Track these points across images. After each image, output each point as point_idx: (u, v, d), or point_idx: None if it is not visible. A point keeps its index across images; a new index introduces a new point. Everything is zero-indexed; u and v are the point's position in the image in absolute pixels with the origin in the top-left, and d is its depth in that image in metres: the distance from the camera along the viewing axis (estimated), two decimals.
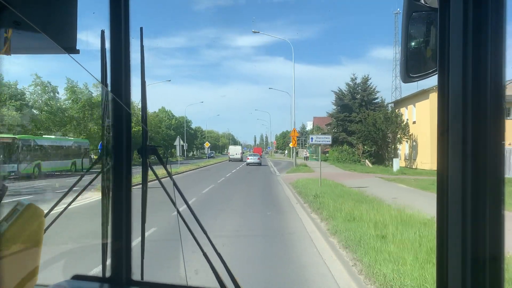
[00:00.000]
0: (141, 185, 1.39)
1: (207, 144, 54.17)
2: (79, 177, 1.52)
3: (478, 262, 0.85)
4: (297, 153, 50.11)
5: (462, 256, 0.86)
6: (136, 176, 1.43)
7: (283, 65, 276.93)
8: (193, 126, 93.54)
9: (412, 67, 1.14)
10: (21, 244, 1.00)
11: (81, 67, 1.17)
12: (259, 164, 44.75)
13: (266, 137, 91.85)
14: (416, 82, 1.03)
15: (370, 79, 48.61)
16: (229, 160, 58.98)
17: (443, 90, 0.90)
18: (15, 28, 1.24)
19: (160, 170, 1.46)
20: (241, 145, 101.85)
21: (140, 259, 1.44)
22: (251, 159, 45.85)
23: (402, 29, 1.13)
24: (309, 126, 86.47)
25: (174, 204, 1.37)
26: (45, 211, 1.13)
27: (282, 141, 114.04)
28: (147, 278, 1.43)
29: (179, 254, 6.33)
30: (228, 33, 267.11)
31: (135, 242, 1.43)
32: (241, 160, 57.92)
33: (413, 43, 1.13)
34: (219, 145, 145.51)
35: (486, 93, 0.84)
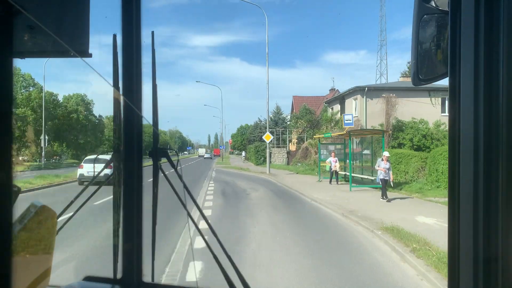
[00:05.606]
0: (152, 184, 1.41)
1: None
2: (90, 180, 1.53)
3: (490, 263, 0.84)
4: (270, 154, 30.26)
5: (474, 257, 0.85)
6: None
7: (239, 66, 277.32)
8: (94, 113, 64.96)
9: (422, 70, 1.14)
10: (34, 246, 1.02)
11: (93, 71, 1.18)
12: (211, 158, 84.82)
13: (222, 136, 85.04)
14: None
15: None
16: (198, 156, 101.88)
17: (454, 93, 0.89)
18: (29, 33, 1.27)
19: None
20: (204, 146, 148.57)
21: (151, 261, 1.45)
22: (206, 155, 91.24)
23: (413, 32, 1.12)
24: (287, 111, 59.49)
25: (184, 206, 1.38)
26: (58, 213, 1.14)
27: (241, 139, 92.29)
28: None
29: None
30: (184, 32, 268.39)
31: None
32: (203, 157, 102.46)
33: (423, 46, 1.13)
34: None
35: (498, 96, 0.83)
